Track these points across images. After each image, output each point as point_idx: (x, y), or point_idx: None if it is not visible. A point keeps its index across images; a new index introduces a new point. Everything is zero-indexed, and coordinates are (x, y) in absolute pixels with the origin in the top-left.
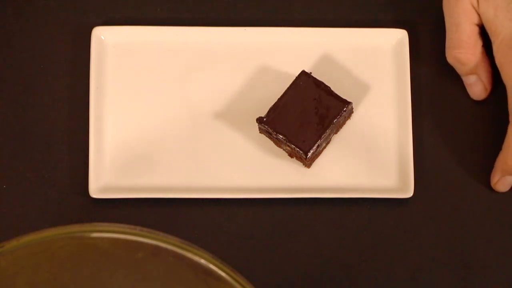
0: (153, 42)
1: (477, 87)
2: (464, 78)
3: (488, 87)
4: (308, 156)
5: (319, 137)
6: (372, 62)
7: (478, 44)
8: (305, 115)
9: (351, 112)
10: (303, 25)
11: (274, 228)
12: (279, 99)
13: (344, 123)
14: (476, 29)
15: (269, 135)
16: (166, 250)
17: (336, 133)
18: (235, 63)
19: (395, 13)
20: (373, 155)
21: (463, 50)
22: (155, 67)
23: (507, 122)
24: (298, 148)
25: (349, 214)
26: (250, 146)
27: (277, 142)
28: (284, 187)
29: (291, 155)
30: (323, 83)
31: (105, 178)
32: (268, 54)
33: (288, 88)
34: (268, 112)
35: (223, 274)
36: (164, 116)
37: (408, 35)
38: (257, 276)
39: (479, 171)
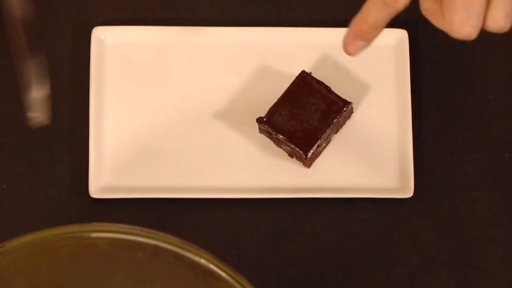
0: (153, 42)
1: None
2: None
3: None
4: (308, 156)
5: (319, 137)
6: (372, 62)
7: None
8: (305, 115)
9: (351, 112)
10: (303, 25)
11: (274, 228)
12: (279, 99)
13: (344, 123)
14: None
15: (269, 135)
16: (166, 250)
17: (336, 133)
18: (235, 63)
19: None
20: (373, 155)
21: None
22: (155, 67)
23: (508, 122)
24: (298, 148)
25: (349, 214)
26: (250, 146)
27: (277, 142)
28: (284, 187)
29: (291, 155)
30: (323, 83)
31: (105, 178)
32: (268, 54)
33: (288, 88)
34: (268, 112)
35: (223, 274)
36: (164, 116)
37: (408, 35)
38: (257, 276)
39: (479, 171)
